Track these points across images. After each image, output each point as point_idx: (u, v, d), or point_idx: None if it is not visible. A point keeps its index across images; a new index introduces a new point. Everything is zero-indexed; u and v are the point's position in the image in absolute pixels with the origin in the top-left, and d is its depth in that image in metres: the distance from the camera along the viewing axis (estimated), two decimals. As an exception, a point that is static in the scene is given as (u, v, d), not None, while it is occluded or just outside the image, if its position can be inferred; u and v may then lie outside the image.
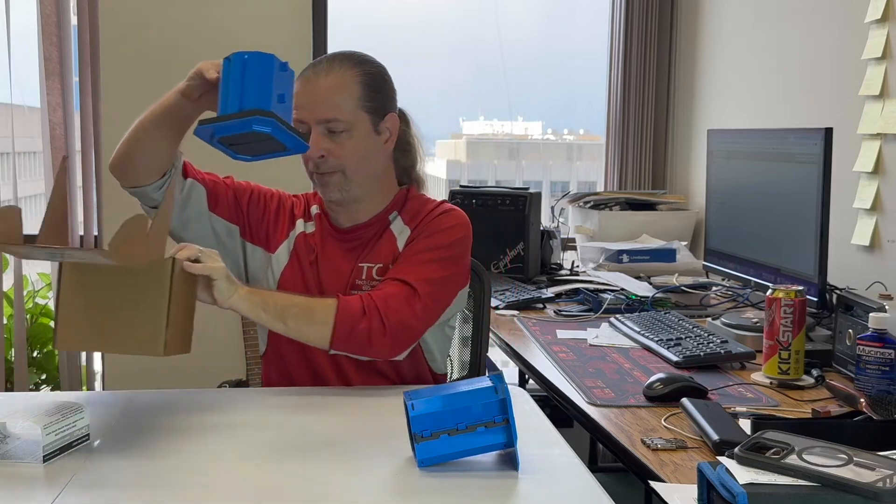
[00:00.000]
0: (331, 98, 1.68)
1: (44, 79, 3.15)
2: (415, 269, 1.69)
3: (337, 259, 1.77)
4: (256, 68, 1.45)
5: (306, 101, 1.66)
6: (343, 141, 1.69)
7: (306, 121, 1.67)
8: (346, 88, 1.69)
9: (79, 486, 1.19)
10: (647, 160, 3.55)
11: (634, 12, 3.47)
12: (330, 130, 1.68)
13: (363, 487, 1.21)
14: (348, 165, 1.70)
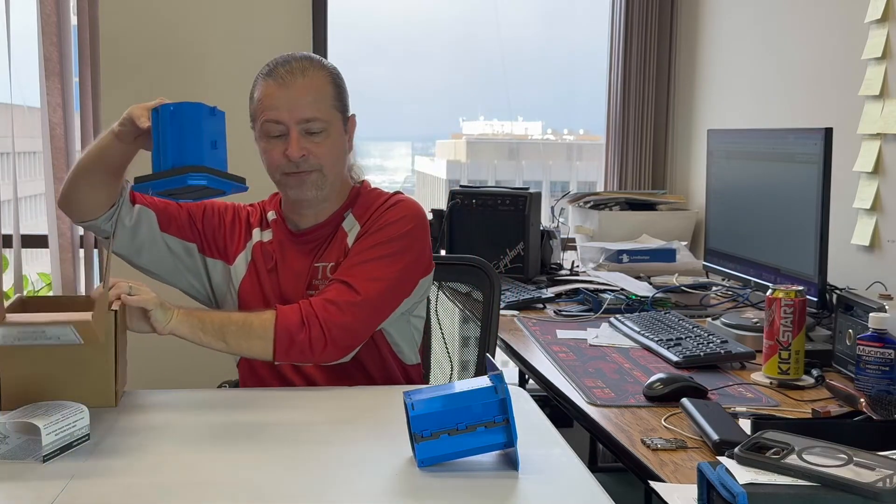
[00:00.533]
0: (310, 98, 1.70)
1: (44, 79, 3.15)
2: (358, 268, 1.71)
3: (295, 262, 1.79)
4: (185, 119, 1.47)
5: (284, 102, 1.69)
6: (321, 140, 1.72)
7: (285, 122, 1.69)
8: (322, 89, 1.73)
9: (79, 486, 1.19)
10: (647, 160, 3.55)
11: (634, 12, 3.47)
12: (308, 131, 1.71)
13: (363, 487, 1.21)
14: (325, 164, 1.73)
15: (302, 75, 1.71)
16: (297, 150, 1.69)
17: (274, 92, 1.70)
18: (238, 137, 3.46)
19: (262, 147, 1.75)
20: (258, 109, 1.74)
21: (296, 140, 1.69)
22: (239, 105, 3.23)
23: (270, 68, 1.74)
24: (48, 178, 3.19)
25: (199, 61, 3.22)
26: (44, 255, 3.43)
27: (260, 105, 1.73)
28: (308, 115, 1.70)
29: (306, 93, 1.70)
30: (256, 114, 1.75)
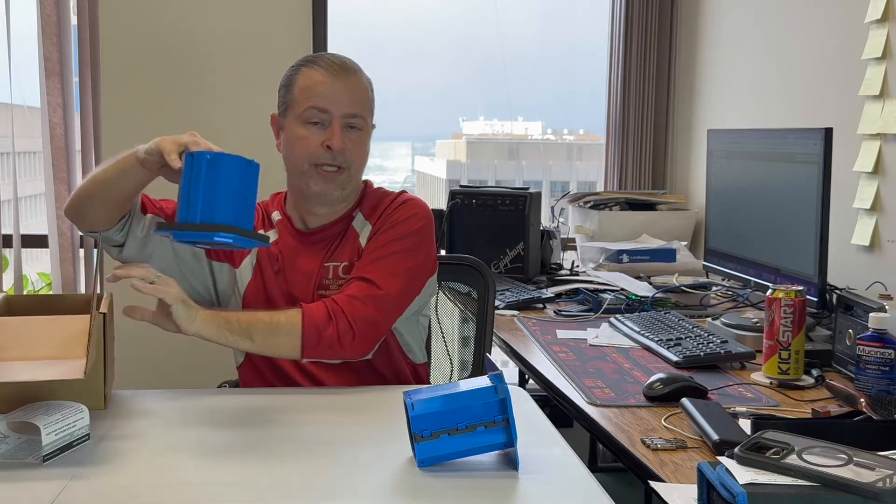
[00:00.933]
0: (360, 97, 1.74)
1: (44, 79, 3.15)
2: (376, 264, 1.71)
3: (304, 262, 1.77)
4: (221, 172, 1.40)
5: (334, 92, 1.70)
6: (357, 139, 1.73)
7: (331, 111, 1.69)
8: (365, 91, 1.76)
9: (79, 486, 1.19)
10: (647, 160, 3.55)
11: (634, 12, 3.47)
12: (350, 126, 1.71)
13: (363, 487, 1.21)
14: (355, 163, 1.74)
15: (353, 73, 1.74)
16: (341, 140, 1.69)
17: (324, 80, 1.70)
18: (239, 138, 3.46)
19: (297, 133, 1.73)
20: (301, 95, 1.72)
21: (339, 131, 1.70)
22: (239, 105, 3.24)
23: (318, 60, 1.74)
24: (48, 178, 3.19)
25: (199, 61, 3.22)
26: (44, 255, 3.43)
27: (306, 91, 1.72)
28: (354, 111, 1.71)
29: (356, 89, 1.73)
30: (298, 99, 1.73)
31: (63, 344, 1.48)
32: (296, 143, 1.73)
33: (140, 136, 3.30)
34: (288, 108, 1.76)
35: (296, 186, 1.79)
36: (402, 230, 1.75)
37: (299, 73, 1.75)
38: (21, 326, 1.51)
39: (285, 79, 1.79)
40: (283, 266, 1.78)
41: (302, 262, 1.78)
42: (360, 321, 1.64)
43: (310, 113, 1.71)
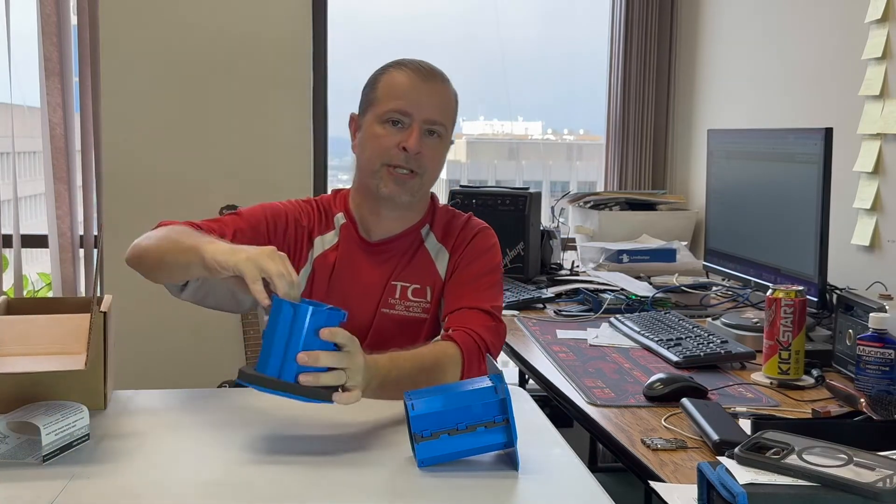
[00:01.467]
0: (444, 105, 1.70)
1: (44, 79, 3.15)
2: (482, 295, 1.68)
3: (365, 273, 1.71)
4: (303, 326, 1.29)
5: (419, 96, 1.66)
6: (434, 145, 1.68)
7: (413, 114, 1.65)
8: (451, 101, 1.72)
9: (79, 486, 1.19)
10: (647, 160, 3.55)
11: (634, 12, 3.47)
12: (430, 132, 1.67)
13: (363, 487, 1.21)
14: (429, 170, 1.69)
15: (441, 80, 1.71)
16: (418, 144, 1.64)
17: (411, 82, 1.67)
18: (239, 138, 3.45)
19: (374, 132, 1.67)
20: (385, 94, 1.68)
21: (417, 134, 1.65)
22: (239, 105, 3.24)
23: (407, 63, 1.70)
24: (48, 178, 3.19)
25: (199, 61, 3.22)
26: (44, 255, 3.44)
27: (390, 90, 1.68)
28: (436, 118, 1.67)
29: (441, 96, 1.70)
30: (380, 98, 1.68)
31: (63, 340, 1.48)
32: (371, 142, 1.68)
33: (140, 136, 3.33)
34: (369, 106, 1.70)
35: (365, 187, 1.72)
36: (491, 259, 1.74)
37: (386, 74, 1.71)
38: (22, 324, 1.51)
39: (371, 78, 1.74)
40: (340, 275, 1.71)
41: (364, 274, 1.71)
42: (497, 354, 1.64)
43: (392, 114, 1.66)
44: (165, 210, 3.19)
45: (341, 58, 3.45)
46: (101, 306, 1.46)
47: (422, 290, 1.72)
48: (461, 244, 1.75)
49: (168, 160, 3.21)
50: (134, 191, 3.20)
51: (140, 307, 3.08)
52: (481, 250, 1.74)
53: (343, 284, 1.71)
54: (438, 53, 3.87)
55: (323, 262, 1.72)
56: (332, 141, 3.46)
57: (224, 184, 3.20)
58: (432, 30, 3.88)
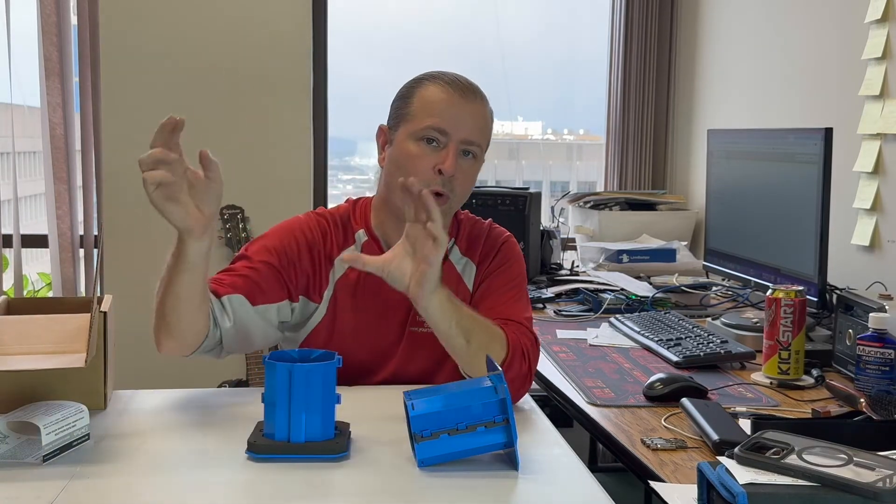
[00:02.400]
0: (482, 124, 1.64)
1: (44, 79, 3.15)
2: (514, 306, 1.65)
3: (390, 293, 1.58)
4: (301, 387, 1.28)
5: (457, 114, 1.59)
6: (468, 168, 1.63)
7: (450, 133, 1.59)
8: (488, 120, 1.67)
9: (79, 486, 1.19)
10: (647, 160, 3.56)
11: (634, 12, 3.47)
12: (464, 153, 1.61)
13: (363, 487, 1.21)
14: (461, 192, 1.63)
15: (479, 99, 1.64)
16: (454, 166, 1.58)
17: (450, 100, 1.59)
18: (239, 138, 3.45)
19: (408, 150, 1.60)
20: (422, 111, 1.60)
21: (454, 156, 1.58)
22: (239, 105, 3.24)
23: (444, 77, 1.63)
24: (48, 178, 3.19)
25: (199, 61, 3.22)
26: (44, 255, 3.44)
27: (428, 107, 1.60)
28: (473, 138, 1.61)
29: (478, 116, 1.63)
30: (416, 114, 1.61)
31: (64, 340, 1.48)
32: (405, 160, 1.60)
33: (140, 136, 3.31)
34: (402, 120, 1.63)
35: (392, 204, 1.64)
36: (517, 269, 1.72)
37: (422, 87, 1.63)
38: (22, 324, 1.51)
39: (404, 89, 1.66)
40: (365, 295, 1.66)
41: (390, 293, 1.56)
42: (534, 367, 1.60)
43: (427, 131, 1.59)
44: (165, 210, 3.20)
45: (341, 58, 3.45)
46: (101, 306, 1.46)
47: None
48: (487, 256, 1.71)
49: (168, 160, 3.21)
50: (134, 191, 3.16)
51: (140, 307, 3.07)
52: (508, 262, 1.70)
53: (368, 305, 1.66)
54: (438, 53, 3.87)
55: (345, 282, 1.66)
56: (332, 141, 3.46)
57: (224, 184, 3.19)
58: (432, 29, 3.88)
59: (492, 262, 1.71)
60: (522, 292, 1.71)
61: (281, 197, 3.23)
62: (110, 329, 1.51)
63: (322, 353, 1.34)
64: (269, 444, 1.29)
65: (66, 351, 1.46)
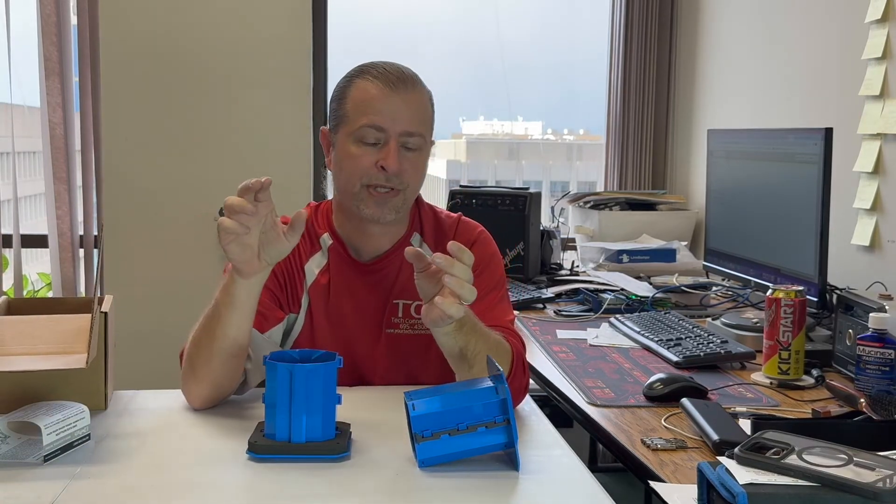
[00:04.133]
0: (418, 113, 1.59)
1: (44, 79, 3.15)
2: (497, 309, 1.63)
3: (362, 296, 1.63)
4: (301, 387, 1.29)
5: (392, 109, 1.56)
6: (414, 159, 1.59)
7: (387, 129, 1.56)
8: (425, 106, 1.62)
9: (79, 487, 1.19)
10: (647, 160, 3.56)
11: (634, 12, 3.47)
12: (407, 147, 1.58)
13: (363, 487, 1.21)
14: (411, 185, 1.60)
15: (413, 87, 1.59)
16: (397, 161, 1.55)
17: (381, 95, 1.56)
18: (239, 138, 3.45)
19: (349, 152, 1.58)
20: (356, 111, 1.58)
21: (395, 151, 1.55)
22: (239, 105, 3.24)
23: (372, 70, 1.59)
24: (48, 178, 3.19)
25: (199, 61, 3.22)
26: (44, 255, 3.44)
27: (361, 107, 1.57)
28: (412, 129, 1.57)
29: (414, 105, 1.58)
30: (351, 115, 1.58)
31: (64, 340, 1.48)
32: (347, 163, 1.58)
33: (140, 135, 3.32)
34: (340, 123, 1.61)
35: (346, 207, 1.64)
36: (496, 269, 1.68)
37: (352, 86, 1.60)
38: (22, 324, 1.51)
39: (337, 90, 1.63)
40: (337, 301, 1.64)
41: (362, 296, 1.62)
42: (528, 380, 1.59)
43: (365, 132, 1.56)
44: (165, 210, 3.21)
45: (341, 58, 3.45)
46: (101, 306, 1.46)
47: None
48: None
49: (168, 160, 3.21)
50: (134, 191, 3.20)
51: (140, 307, 3.09)
52: (484, 261, 1.65)
53: (342, 310, 1.65)
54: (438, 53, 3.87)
55: (316, 289, 1.65)
56: (332, 141, 3.45)
57: (224, 184, 3.19)
58: (432, 29, 3.88)
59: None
60: (503, 292, 1.69)
61: (281, 197, 3.19)
62: (111, 329, 1.51)
63: (323, 354, 1.34)
64: (269, 445, 1.29)
65: (66, 351, 1.46)
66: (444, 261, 1.34)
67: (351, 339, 1.65)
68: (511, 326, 1.63)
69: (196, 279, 3.20)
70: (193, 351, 1.48)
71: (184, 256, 3.19)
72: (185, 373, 1.50)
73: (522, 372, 1.55)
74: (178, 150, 3.21)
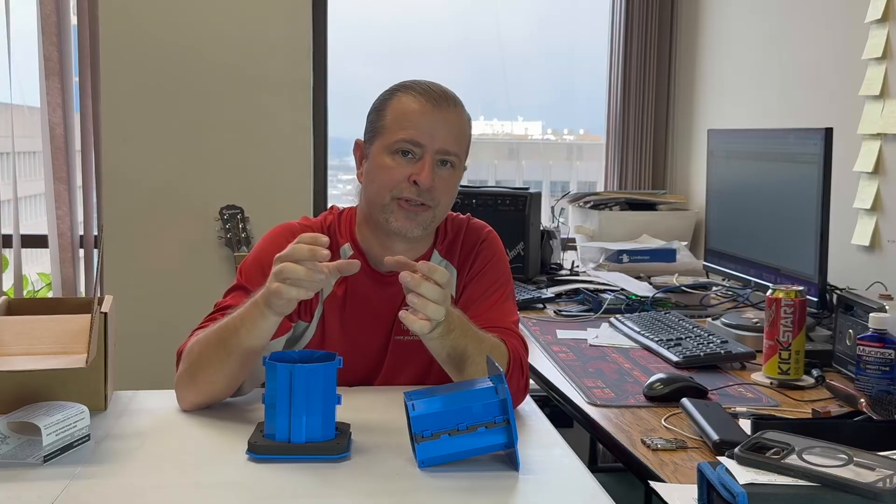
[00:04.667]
0: (456, 133, 1.59)
1: (44, 79, 3.15)
2: (501, 310, 1.64)
3: (375, 304, 1.64)
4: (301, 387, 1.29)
5: (431, 124, 1.56)
6: (447, 178, 1.59)
7: (425, 144, 1.56)
8: (464, 127, 1.63)
9: (79, 487, 1.19)
10: (647, 160, 3.56)
11: (634, 12, 3.47)
12: (442, 162, 1.58)
13: (363, 487, 1.21)
14: (442, 203, 1.60)
15: (454, 107, 1.60)
16: (430, 177, 1.54)
17: (422, 110, 1.56)
18: (239, 138, 3.45)
19: (384, 163, 1.57)
20: (395, 123, 1.58)
21: (430, 167, 1.55)
22: (239, 105, 3.24)
23: (416, 86, 1.60)
24: (48, 178, 3.19)
25: (199, 61, 3.22)
26: (44, 255, 3.44)
27: (400, 119, 1.57)
28: (449, 147, 1.57)
29: (453, 125, 1.59)
30: (389, 127, 1.58)
31: (64, 341, 1.48)
32: (379, 173, 1.58)
33: (140, 135, 3.32)
34: (377, 134, 1.60)
35: (373, 219, 1.62)
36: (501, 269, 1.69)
37: (394, 98, 1.60)
38: (22, 324, 1.51)
39: (377, 102, 1.64)
40: (351, 308, 1.65)
41: (375, 304, 1.63)
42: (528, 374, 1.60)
43: (401, 144, 1.56)
44: (165, 210, 3.21)
45: (341, 58, 3.45)
46: (101, 306, 1.46)
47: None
48: (467, 259, 1.69)
49: (168, 160, 3.21)
50: (134, 191, 3.20)
51: (140, 307, 3.09)
52: (490, 261, 1.67)
53: (355, 317, 1.65)
54: (438, 53, 3.87)
55: (333, 300, 1.65)
56: (332, 141, 3.46)
57: (224, 184, 3.20)
58: (432, 29, 3.88)
59: (473, 265, 1.69)
60: (508, 292, 1.69)
61: (281, 197, 3.23)
62: (111, 329, 1.51)
63: (323, 354, 1.34)
64: (269, 445, 1.29)
65: (66, 351, 1.46)
66: (411, 280, 1.36)
67: (360, 348, 1.65)
68: (514, 328, 1.63)
69: (196, 279, 3.20)
70: (197, 362, 1.47)
71: (184, 256, 3.19)
72: (183, 378, 1.50)
73: (520, 374, 1.55)
74: (177, 151, 3.21)
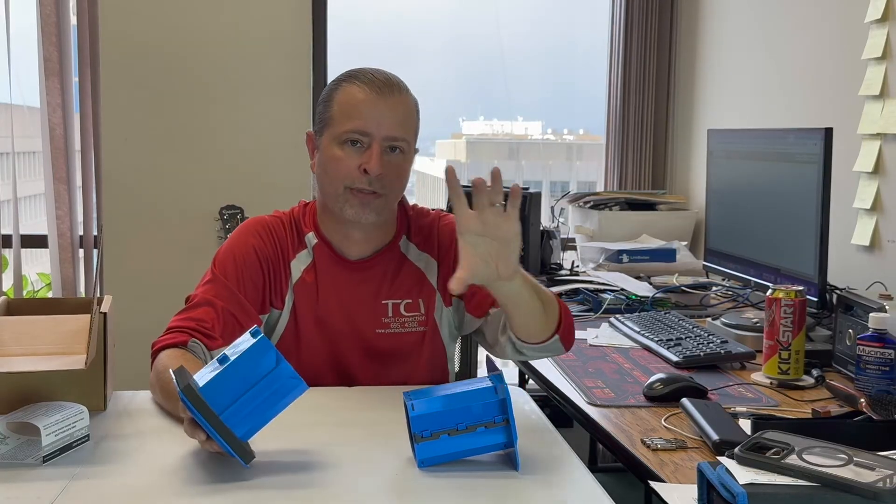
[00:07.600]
0: (402, 119, 1.62)
1: (44, 79, 3.15)
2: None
3: (350, 294, 1.67)
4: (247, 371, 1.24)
5: (377, 113, 1.59)
6: (397, 164, 1.62)
7: (372, 133, 1.58)
8: (412, 114, 1.65)
9: (79, 487, 1.19)
10: (647, 160, 3.55)
11: (634, 12, 3.47)
12: (391, 149, 1.60)
13: (363, 487, 1.21)
14: (394, 189, 1.63)
15: (398, 93, 1.62)
16: (379, 165, 1.58)
17: (366, 99, 1.59)
18: (239, 138, 3.45)
19: (333, 155, 1.61)
20: (341, 114, 1.61)
21: (378, 155, 1.58)
22: (239, 105, 3.24)
23: (359, 76, 1.62)
24: (48, 178, 3.19)
25: (198, 61, 3.22)
26: (44, 255, 3.44)
27: (346, 110, 1.60)
28: (396, 134, 1.60)
29: (399, 111, 1.61)
30: (336, 118, 1.61)
31: (64, 341, 1.48)
32: (331, 165, 1.62)
33: (140, 136, 3.32)
34: (325, 126, 1.64)
35: (330, 210, 1.67)
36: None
37: (339, 90, 1.63)
38: (22, 324, 1.51)
39: (324, 94, 1.67)
40: (325, 299, 1.67)
41: (349, 294, 1.66)
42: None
43: (348, 134, 1.59)
44: (165, 211, 3.21)
45: (341, 58, 3.45)
46: (101, 307, 1.46)
47: (414, 304, 1.69)
48: (448, 251, 1.70)
49: (167, 161, 3.22)
50: (134, 191, 3.20)
51: (140, 307, 3.08)
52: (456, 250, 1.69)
53: (330, 309, 1.67)
54: (438, 53, 3.87)
55: (303, 286, 1.67)
56: (331, 141, 3.45)
57: (224, 184, 3.20)
58: (432, 29, 3.88)
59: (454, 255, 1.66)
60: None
61: (281, 197, 3.20)
62: (110, 330, 1.51)
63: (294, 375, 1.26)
64: (199, 400, 1.20)
65: (66, 352, 1.46)
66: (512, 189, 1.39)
67: (338, 339, 1.67)
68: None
69: (196, 279, 3.20)
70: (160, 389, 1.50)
71: (183, 257, 3.19)
72: (153, 388, 1.54)
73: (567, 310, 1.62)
74: (177, 151, 3.21)
